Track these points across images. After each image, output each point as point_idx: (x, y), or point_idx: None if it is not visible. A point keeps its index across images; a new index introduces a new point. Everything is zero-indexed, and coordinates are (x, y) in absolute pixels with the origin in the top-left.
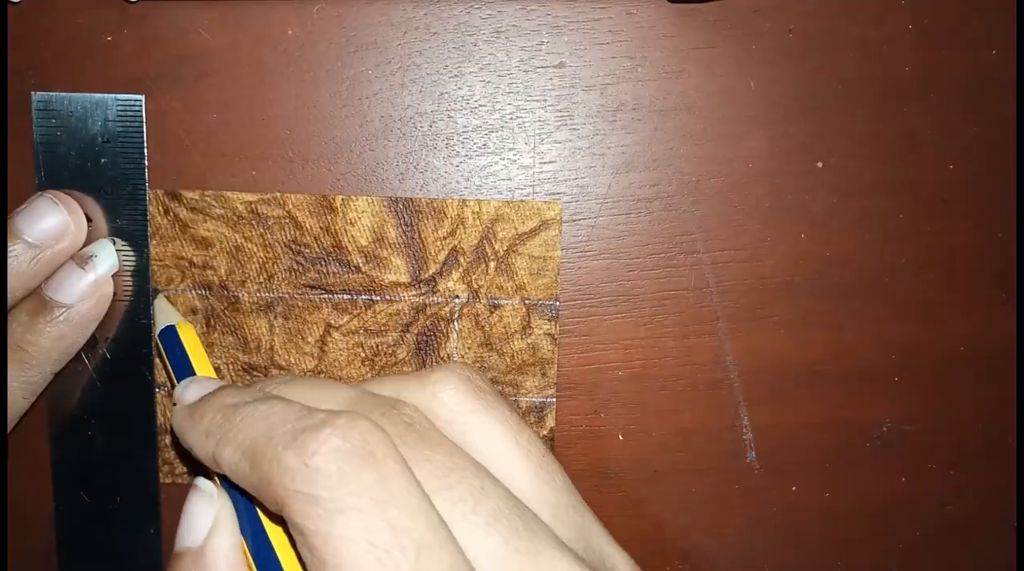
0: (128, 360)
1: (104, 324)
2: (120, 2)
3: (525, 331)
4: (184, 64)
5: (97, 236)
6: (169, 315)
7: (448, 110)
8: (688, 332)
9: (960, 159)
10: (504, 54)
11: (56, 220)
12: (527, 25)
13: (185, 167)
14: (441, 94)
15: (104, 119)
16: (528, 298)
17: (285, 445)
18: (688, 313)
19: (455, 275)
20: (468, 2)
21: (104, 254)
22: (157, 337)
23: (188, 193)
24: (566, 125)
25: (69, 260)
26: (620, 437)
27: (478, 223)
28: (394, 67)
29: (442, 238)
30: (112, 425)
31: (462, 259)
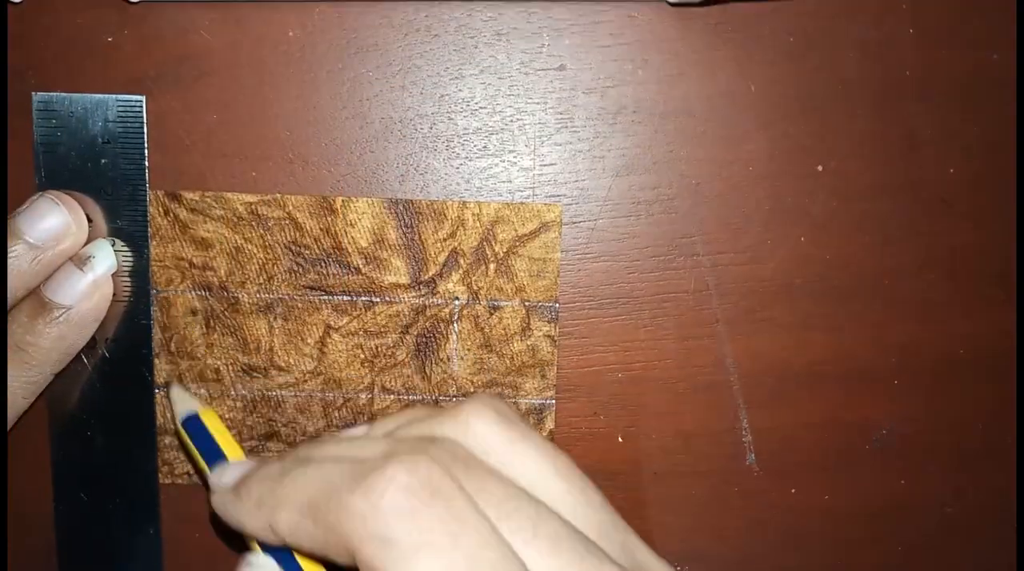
0: (128, 361)
1: (104, 325)
2: (120, 2)
3: (525, 333)
4: (184, 64)
5: (97, 237)
6: (189, 403)
7: (449, 112)
8: (688, 334)
9: (960, 160)
10: (505, 56)
11: (57, 220)
12: (528, 28)
13: (185, 168)
14: (442, 96)
15: (104, 119)
16: (528, 300)
17: (350, 490)
18: (688, 315)
19: (455, 277)
20: (469, 4)
21: (102, 255)
22: (181, 426)
23: (188, 194)
24: (566, 127)
25: (68, 261)
26: (620, 439)
27: (478, 225)
28: (395, 69)
29: (442, 240)
30: (112, 426)
31: (462, 261)
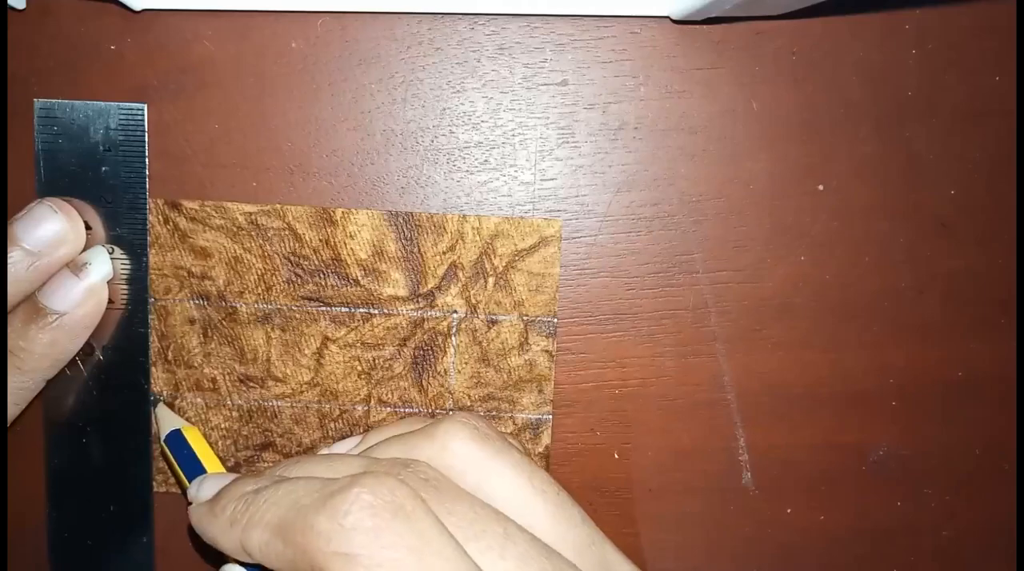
0: (124, 368)
1: (101, 332)
2: (124, 11)
3: (523, 347)
4: (187, 74)
5: (96, 244)
6: (172, 421)
7: (450, 125)
8: (686, 352)
9: (961, 183)
10: (507, 71)
11: (54, 227)
12: (531, 42)
13: (186, 177)
14: (443, 109)
15: (106, 127)
16: (526, 314)
17: (316, 510)
18: (686, 333)
19: (454, 290)
20: (472, 18)
21: (98, 262)
22: (163, 443)
23: (188, 203)
24: (568, 143)
25: (63, 267)
26: (616, 455)
27: (478, 239)
28: (397, 81)
29: (441, 253)
30: (107, 433)
31: (461, 274)
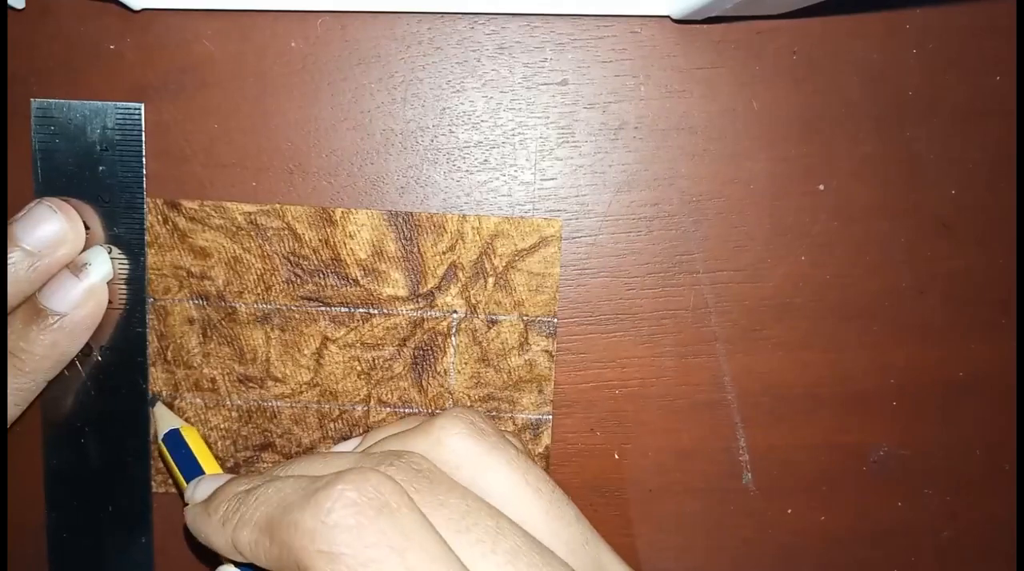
0: (123, 369)
1: (99, 332)
2: (123, 11)
3: (523, 347)
4: (187, 74)
5: (95, 244)
6: (170, 420)
7: (450, 125)
8: (686, 352)
9: (962, 183)
10: (507, 70)
11: (54, 227)
12: (531, 42)
13: (185, 176)
14: (443, 109)
15: (103, 127)
16: (526, 314)
17: (300, 507)
18: (686, 333)
19: (453, 290)
20: (472, 18)
21: (98, 262)
22: (161, 442)
23: (187, 203)
24: (568, 142)
25: (63, 268)
26: (616, 456)
27: (478, 238)
28: (396, 81)
29: (441, 253)
30: (105, 434)
31: (461, 274)
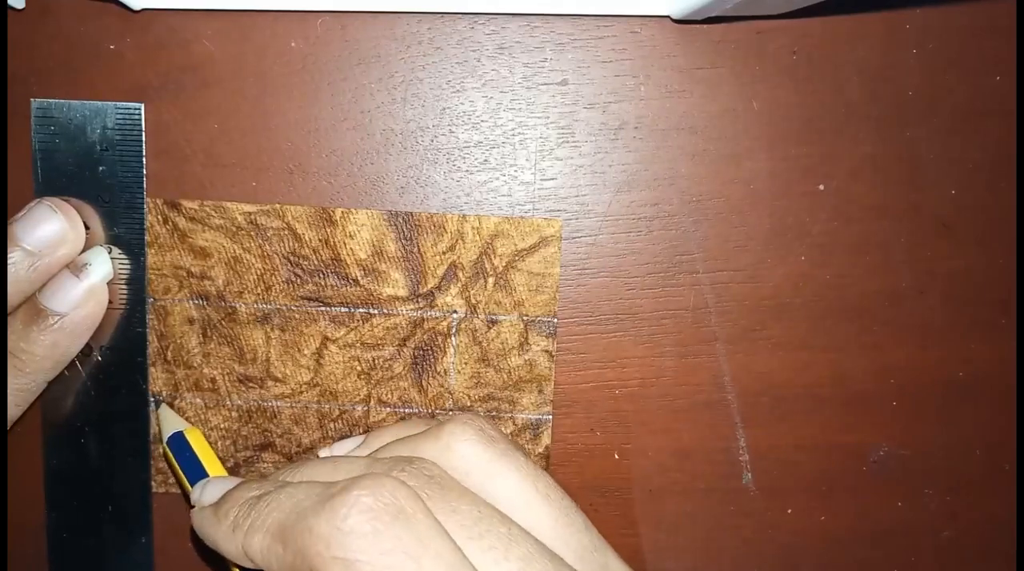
0: (123, 369)
1: (99, 332)
2: (124, 11)
3: (523, 347)
4: (187, 74)
5: (95, 244)
6: (175, 423)
7: (450, 125)
8: (686, 352)
9: (962, 184)
10: (507, 70)
11: (54, 227)
12: (531, 42)
13: (185, 176)
14: (443, 109)
15: (103, 127)
16: (526, 314)
17: (315, 513)
18: (686, 333)
19: (453, 290)
20: (472, 18)
21: (98, 262)
22: (165, 444)
23: (187, 203)
24: (568, 142)
25: (64, 268)
26: (616, 456)
27: (478, 238)
28: (397, 81)
29: (441, 253)
30: (105, 434)
31: (461, 274)
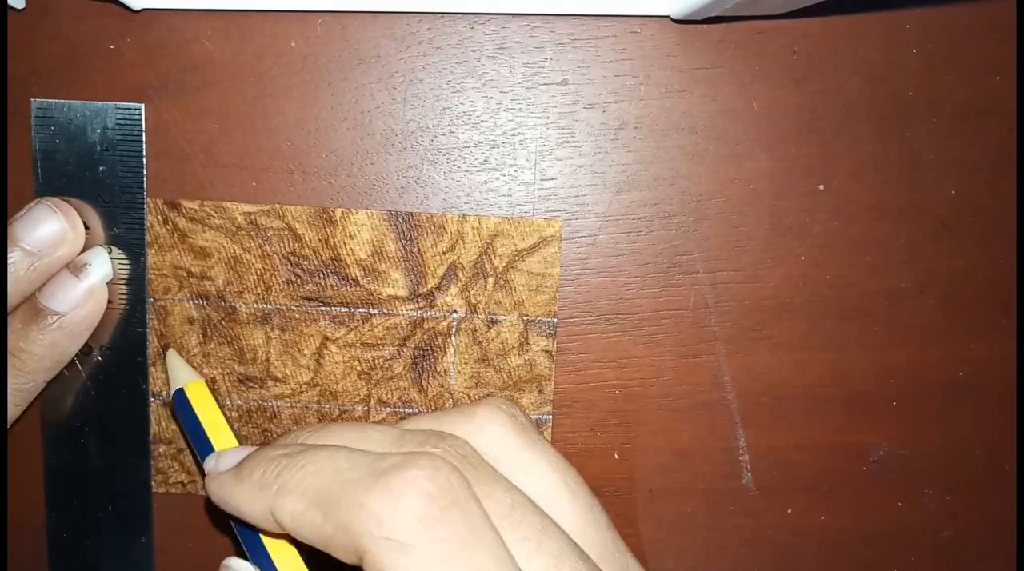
0: (123, 369)
1: (99, 332)
2: (124, 11)
3: (523, 347)
4: (187, 74)
5: (95, 244)
6: (181, 372)
7: (450, 125)
8: (686, 352)
9: (962, 183)
10: (507, 70)
11: (54, 227)
12: (531, 42)
13: (185, 176)
14: (443, 109)
15: (103, 127)
16: (526, 314)
17: (367, 488)
18: (686, 333)
19: (453, 290)
20: (472, 18)
21: (98, 262)
22: (172, 402)
23: (187, 203)
24: (568, 142)
25: (63, 268)
26: (616, 456)
27: (478, 238)
28: (396, 81)
29: (441, 253)
30: (106, 434)
31: (461, 274)
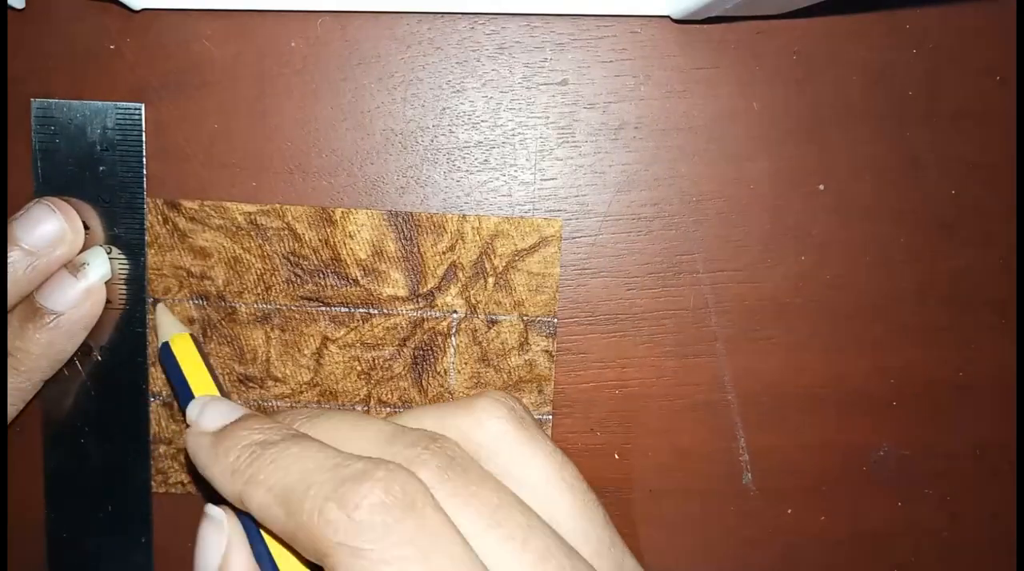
0: (123, 369)
1: (99, 332)
2: (124, 11)
3: (522, 347)
4: (187, 74)
5: (94, 244)
6: (168, 326)
7: (450, 125)
8: (686, 352)
9: (962, 184)
10: (507, 70)
11: (53, 227)
12: (531, 42)
13: (185, 177)
14: (443, 109)
15: (103, 127)
16: (526, 314)
17: (327, 496)
18: (686, 333)
19: (453, 290)
20: (472, 18)
21: (97, 262)
22: (159, 354)
23: (187, 203)
24: (568, 142)
25: (61, 268)
26: (616, 456)
27: (478, 238)
28: (396, 81)
29: (441, 253)
30: (105, 433)
31: (461, 274)
